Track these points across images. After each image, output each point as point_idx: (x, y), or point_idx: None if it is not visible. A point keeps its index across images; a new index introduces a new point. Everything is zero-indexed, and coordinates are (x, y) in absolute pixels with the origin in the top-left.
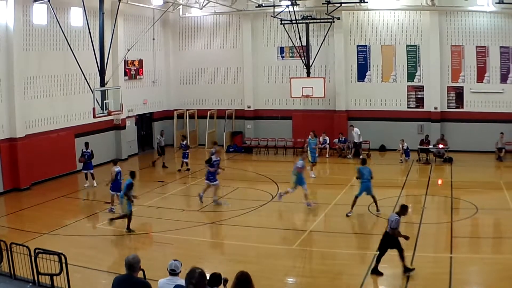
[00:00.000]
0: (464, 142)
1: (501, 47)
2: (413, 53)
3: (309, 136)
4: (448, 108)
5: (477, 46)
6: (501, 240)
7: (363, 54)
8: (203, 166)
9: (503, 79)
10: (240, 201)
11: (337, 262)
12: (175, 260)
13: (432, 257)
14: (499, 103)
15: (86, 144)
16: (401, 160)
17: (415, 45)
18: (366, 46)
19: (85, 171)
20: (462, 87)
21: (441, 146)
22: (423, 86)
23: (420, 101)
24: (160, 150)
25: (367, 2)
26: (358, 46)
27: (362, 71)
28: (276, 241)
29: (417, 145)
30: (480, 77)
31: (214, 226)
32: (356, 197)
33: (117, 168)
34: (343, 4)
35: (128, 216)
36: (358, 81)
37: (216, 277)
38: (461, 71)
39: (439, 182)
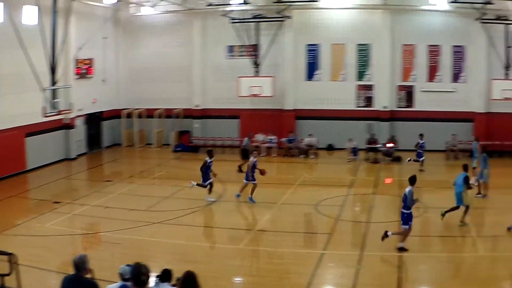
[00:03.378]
0: (414, 141)
1: (453, 46)
2: (363, 52)
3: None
4: (398, 107)
5: (429, 45)
6: (451, 238)
7: (313, 53)
8: (150, 165)
9: (455, 78)
10: (188, 201)
11: (284, 261)
12: (127, 265)
13: (381, 255)
14: (450, 102)
15: None
16: (349, 159)
17: (366, 44)
18: (316, 45)
19: None
20: (413, 86)
21: (389, 145)
22: (373, 85)
23: (369, 100)
24: None
25: (318, 1)
26: (308, 45)
27: (311, 70)
28: (223, 241)
29: (365, 144)
30: (432, 76)
31: (162, 225)
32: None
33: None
34: (294, 3)
35: None
36: (307, 80)
37: (167, 273)
38: (412, 70)
39: (388, 181)
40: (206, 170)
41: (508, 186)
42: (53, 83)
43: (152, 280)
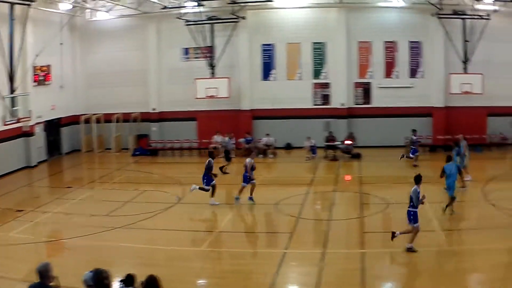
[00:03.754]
0: (373, 137)
1: (410, 41)
2: (319, 50)
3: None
4: (355, 104)
5: (385, 42)
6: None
7: (268, 52)
8: (110, 170)
9: (413, 73)
10: (148, 204)
11: (247, 262)
12: (90, 272)
13: (344, 253)
14: (408, 98)
15: None
16: (307, 157)
17: (322, 43)
18: (271, 45)
19: None
20: (370, 83)
21: (347, 142)
22: (329, 83)
23: (326, 98)
24: None
25: (272, 1)
26: (263, 45)
27: (267, 70)
28: (185, 243)
29: (323, 142)
30: (389, 73)
31: (123, 230)
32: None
33: None
34: (248, 3)
35: None
36: (263, 80)
37: (131, 277)
38: (368, 67)
39: (348, 178)
40: (208, 172)
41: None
42: (12, 91)
43: (116, 285)
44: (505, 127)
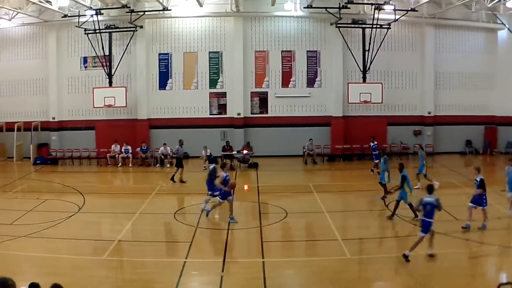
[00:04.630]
0: (270, 147)
1: (308, 51)
2: (215, 60)
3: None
4: (252, 114)
5: (282, 51)
6: (314, 243)
7: (164, 62)
8: (13, 179)
9: (310, 83)
10: (50, 213)
11: (148, 271)
12: None
13: (244, 262)
14: (306, 107)
15: None
16: (204, 167)
17: (218, 52)
18: (168, 54)
19: None
20: (267, 92)
21: (245, 152)
22: (225, 93)
23: (223, 108)
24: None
25: (170, 10)
26: (160, 54)
27: (164, 79)
28: (87, 252)
29: (220, 152)
30: (286, 82)
31: (26, 239)
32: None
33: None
34: (146, 13)
35: None
36: (159, 89)
37: (35, 286)
38: (265, 76)
39: (245, 187)
40: (213, 179)
41: (368, 188)
42: None
43: None
44: (405, 136)
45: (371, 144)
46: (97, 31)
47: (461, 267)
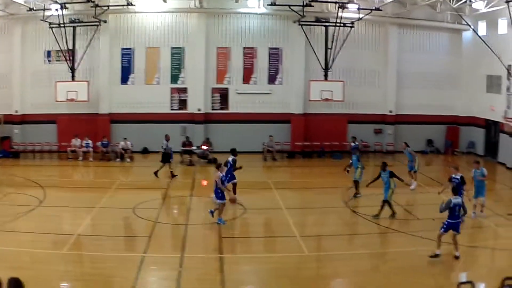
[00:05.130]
0: (230, 143)
1: (270, 48)
2: (177, 55)
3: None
4: (212, 110)
5: (244, 48)
6: (273, 239)
7: (127, 56)
8: None
9: (271, 80)
10: (11, 207)
11: (107, 265)
12: None
13: (202, 258)
14: (267, 104)
15: None
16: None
17: (180, 47)
18: (130, 49)
19: None
20: (228, 88)
21: (204, 147)
22: (186, 88)
23: (183, 103)
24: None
25: (134, 5)
26: (122, 48)
27: (126, 73)
28: (47, 246)
29: (180, 147)
30: (247, 79)
31: None
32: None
33: None
34: (110, 7)
35: None
36: (121, 84)
37: None
38: (226, 73)
39: (204, 183)
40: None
41: (328, 185)
42: None
43: None
44: (365, 134)
45: (352, 144)
46: (62, 25)
47: (421, 266)
